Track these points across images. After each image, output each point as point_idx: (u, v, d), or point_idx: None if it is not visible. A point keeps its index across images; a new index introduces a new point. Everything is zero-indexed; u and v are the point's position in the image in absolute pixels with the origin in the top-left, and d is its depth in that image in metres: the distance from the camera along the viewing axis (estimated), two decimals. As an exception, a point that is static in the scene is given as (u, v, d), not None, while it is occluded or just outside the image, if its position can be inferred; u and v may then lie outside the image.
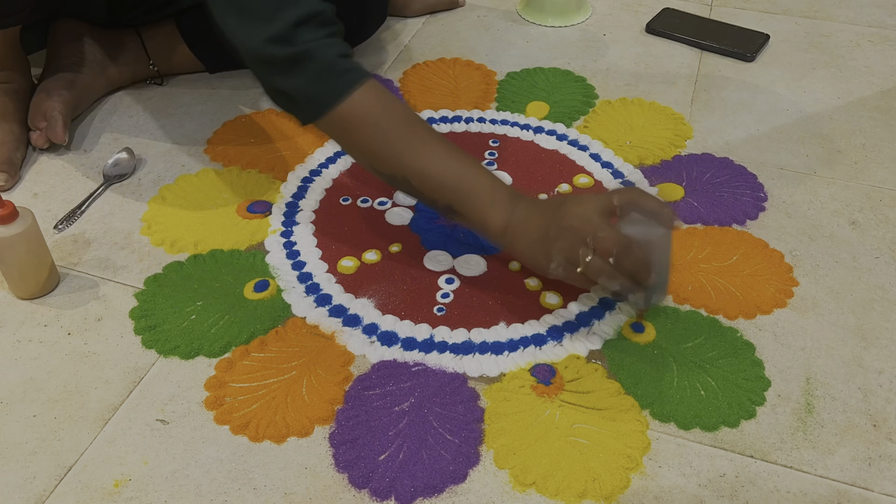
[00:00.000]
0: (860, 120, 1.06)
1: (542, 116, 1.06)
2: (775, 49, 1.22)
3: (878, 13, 1.32)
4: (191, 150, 1.00)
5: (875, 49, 1.22)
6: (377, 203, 0.92)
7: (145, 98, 1.09)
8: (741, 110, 1.08)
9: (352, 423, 0.68)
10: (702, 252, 0.85)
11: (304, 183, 0.95)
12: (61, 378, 0.73)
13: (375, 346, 0.76)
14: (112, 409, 0.70)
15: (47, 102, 0.98)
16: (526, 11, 1.30)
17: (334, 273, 0.83)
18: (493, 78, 1.14)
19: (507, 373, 0.73)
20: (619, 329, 0.77)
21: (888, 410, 0.70)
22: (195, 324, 0.77)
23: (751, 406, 0.70)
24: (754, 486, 0.64)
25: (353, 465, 0.65)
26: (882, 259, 0.85)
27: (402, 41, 1.24)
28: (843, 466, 0.66)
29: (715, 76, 1.15)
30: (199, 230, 0.88)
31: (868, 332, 0.77)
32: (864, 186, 0.95)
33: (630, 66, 1.18)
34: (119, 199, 0.93)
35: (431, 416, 0.69)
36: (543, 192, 0.94)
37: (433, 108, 1.08)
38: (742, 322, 0.78)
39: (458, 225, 0.85)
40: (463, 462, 0.66)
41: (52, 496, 0.64)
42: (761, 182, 0.95)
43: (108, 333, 0.77)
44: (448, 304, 0.80)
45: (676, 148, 1.01)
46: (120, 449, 0.67)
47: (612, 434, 0.68)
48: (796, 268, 0.84)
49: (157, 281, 0.82)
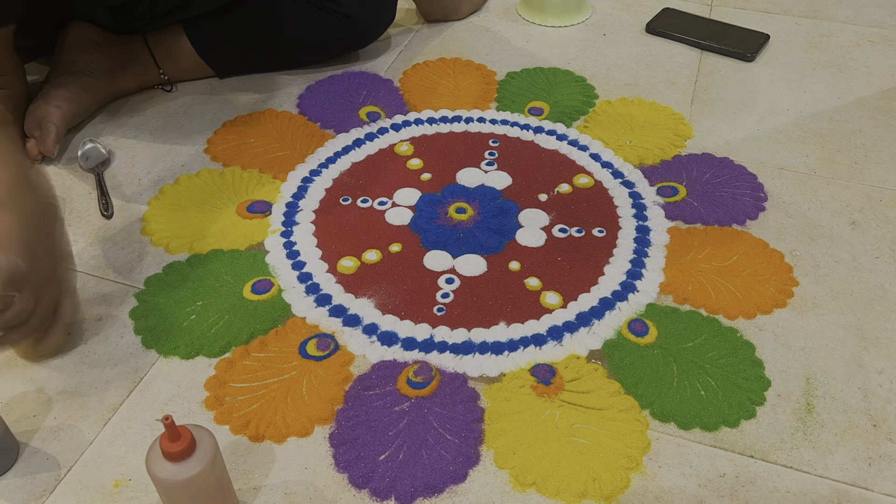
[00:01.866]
0: (860, 120, 1.06)
1: (543, 117, 1.06)
2: (775, 49, 1.22)
3: (878, 13, 1.32)
4: (191, 150, 1.00)
5: (875, 49, 1.22)
6: (377, 203, 0.92)
7: (145, 98, 1.09)
8: (741, 110, 1.08)
9: (352, 423, 0.68)
10: (702, 252, 0.85)
11: (304, 183, 0.95)
12: (61, 378, 0.73)
13: (375, 346, 0.76)
14: (112, 409, 0.70)
15: (44, 110, 0.97)
16: (526, 11, 1.30)
17: (334, 273, 0.83)
18: (493, 78, 1.14)
19: (507, 373, 0.73)
20: (619, 329, 0.77)
21: (888, 410, 0.70)
22: (195, 324, 0.77)
23: (751, 406, 0.70)
24: (754, 486, 0.64)
25: (353, 465, 0.65)
26: (882, 259, 0.85)
27: (402, 41, 1.23)
28: (843, 466, 0.66)
29: (715, 76, 1.15)
30: (199, 230, 0.88)
31: (868, 332, 0.77)
32: (864, 186, 0.95)
33: (630, 66, 1.18)
34: (119, 199, 0.93)
35: (431, 416, 0.69)
36: (543, 192, 0.94)
37: (433, 108, 1.08)
38: (742, 322, 0.78)
39: (456, 225, 0.85)
40: (463, 462, 0.66)
41: (52, 496, 0.64)
42: (761, 182, 0.95)
43: (108, 333, 0.77)
44: (448, 304, 0.80)
45: (676, 148, 1.01)
46: (120, 449, 0.67)
47: (612, 434, 0.68)
48: (796, 268, 0.84)
49: (157, 281, 0.82)
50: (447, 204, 0.92)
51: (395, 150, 1.01)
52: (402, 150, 1.00)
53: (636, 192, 0.94)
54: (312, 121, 1.05)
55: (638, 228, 0.89)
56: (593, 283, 0.82)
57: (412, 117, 1.06)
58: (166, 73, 1.09)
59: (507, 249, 0.86)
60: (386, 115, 1.07)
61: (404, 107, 1.08)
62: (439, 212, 0.91)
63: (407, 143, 1.02)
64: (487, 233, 0.88)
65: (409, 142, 1.02)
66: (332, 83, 1.12)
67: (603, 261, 0.85)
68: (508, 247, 0.86)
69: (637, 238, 0.87)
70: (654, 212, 0.91)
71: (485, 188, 0.94)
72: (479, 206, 0.91)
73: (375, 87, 1.12)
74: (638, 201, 0.92)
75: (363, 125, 1.04)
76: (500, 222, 0.89)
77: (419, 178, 0.96)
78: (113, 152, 0.96)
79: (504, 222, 0.89)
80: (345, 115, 1.06)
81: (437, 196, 0.93)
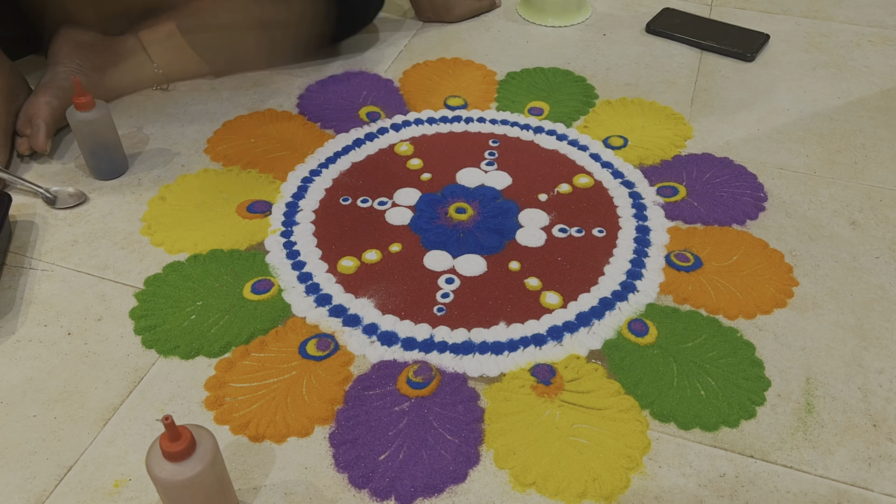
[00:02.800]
0: (860, 120, 1.06)
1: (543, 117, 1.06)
2: (775, 49, 1.22)
3: (878, 13, 1.32)
4: (191, 150, 1.00)
5: (875, 49, 1.22)
6: (377, 203, 0.92)
7: (145, 98, 1.09)
8: (741, 110, 1.08)
9: (352, 423, 0.68)
10: (702, 252, 0.85)
11: (304, 183, 0.95)
12: (61, 378, 0.73)
13: (375, 346, 0.76)
14: (112, 409, 0.70)
15: (34, 108, 0.97)
16: (526, 11, 1.30)
17: (334, 273, 0.83)
18: (493, 78, 1.14)
19: (507, 373, 0.73)
20: (619, 329, 0.77)
21: (888, 410, 0.70)
22: (195, 324, 0.77)
23: (751, 406, 0.70)
24: (754, 487, 0.64)
25: (353, 465, 0.65)
26: (882, 259, 0.85)
27: (402, 41, 1.23)
28: (843, 466, 0.66)
29: (715, 76, 1.15)
30: (198, 230, 0.88)
31: (868, 332, 0.77)
32: (864, 186, 0.95)
33: (630, 66, 1.18)
34: (119, 199, 0.93)
35: (431, 416, 0.69)
36: (543, 192, 0.94)
37: (433, 108, 1.08)
38: (742, 322, 0.78)
39: (456, 225, 0.85)
40: (463, 462, 0.66)
41: (52, 496, 0.64)
42: (761, 182, 0.95)
43: (108, 333, 0.77)
44: (448, 304, 0.80)
45: (676, 148, 1.01)
46: (120, 449, 0.67)
47: (612, 434, 0.68)
48: (796, 268, 0.84)
49: (157, 281, 0.82)
50: (447, 204, 0.92)
51: (395, 150, 1.01)
52: (402, 150, 1.00)
53: (636, 192, 0.94)
54: (312, 121, 1.05)
55: (638, 228, 0.89)
56: (593, 283, 0.82)
57: (412, 117, 1.06)
58: (161, 67, 1.09)
59: (507, 249, 0.86)
60: (386, 115, 1.07)
61: (404, 107, 1.08)
62: (439, 212, 0.91)
63: (407, 143, 1.02)
64: (487, 233, 0.88)
65: (409, 142, 1.02)
66: (332, 83, 1.12)
67: (603, 261, 0.85)
68: (508, 247, 0.86)
69: (637, 238, 0.88)
70: (654, 212, 0.91)
71: (485, 188, 0.94)
72: (479, 206, 0.91)
73: (375, 87, 1.12)
74: (638, 201, 0.92)
75: (363, 125, 1.04)
76: (500, 222, 0.89)
77: (419, 178, 0.96)
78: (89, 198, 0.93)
79: (504, 222, 0.89)
80: (345, 115, 1.06)
81: (437, 196, 0.93)
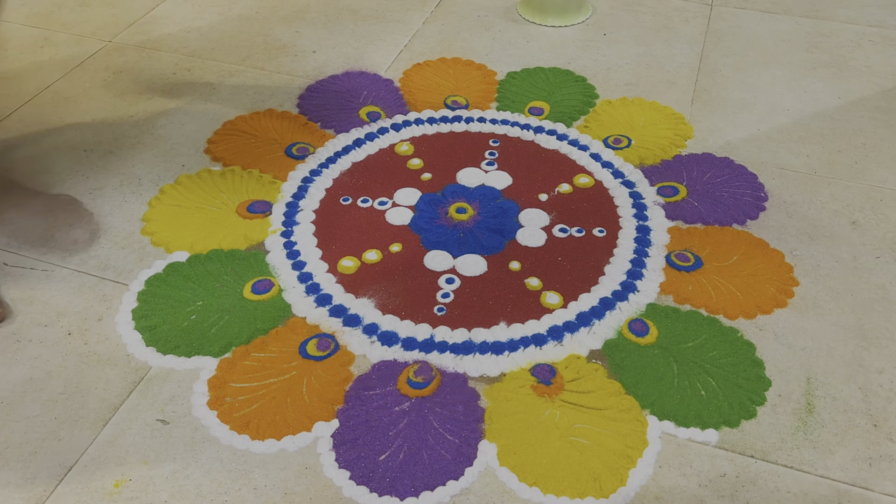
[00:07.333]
0: (860, 120, 1.06)
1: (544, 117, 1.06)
2: (775, 49, 1.22)
3: (878, 13, 1.32)
4: (191, 150, 1.00)
5: (876, 49, 1.22)
6: (377, 203, 0.92)
7: (145, 98, 1.09)
8: (741, 110, 1.08)
9: (352, 423, 0.68)
10: (702, 252, 0.85)
11: (304, 183, 0.95)
12: (61, 378, 0.73)
13: (376, 346, 0.76)
14: (112, 409, 0.70)
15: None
16: (526, 11, 1.30)
17: (334, 273, 0.83)
18: (493, 78, 1.14)
19: (507, 373, 0.73)
20: (619, 329, 0.77)
21: (888, 410, 0.70)
22: (195, 324, 0.77)
23: (751, 406, 0.70)
24: (755, 486, 0.64)
25: (354, 464, 0.65)
26: (882, 259, 0.85)
27: (402, 41, 1.23)
28: (844, 466, 0.66)
29: (715, 76, 1.15)
30: (199, 230, 0.88)
31: (868, 332, 0.77)
32: (864, 186, 0.95)
33: (630, 66, 1.18)
34: (119, 199, 0.93)
35: (432, 416, 0.69)
36: (544, 192, 0.94)
37: (433, 108, 1.08)
38: (742, 322, 0.78)
39: (456, 225, 0.85)
40: (463, 462, 0.66)
41: (52, 496, 0.64)
42: (761, 182, 0.95)
43: (108, 333, 0.77)
44: (448, 304, 0.80)
45: (677, 148, 1.01)
46: (120, 449, 0.67)
47: (612, 434, 0.68)
48: (797, 268, 0.84)
49: (157, 281, 0.82)
50: (447, 204, 0.92)
51: (395, 149, 1.00)
52: (402, 149, 1.00)
53: (636, 191, 0.94)
54: (312, 121, 1.05)
55: (638, 228, 0.89)
56: (594, 283, 0.82)
57: (412, 117, 1.06)
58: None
59: (508, 249, 0.86)
60: (386, 114, 1.07)
61: (404, 107, 1.08)
62: (439, 212, 0.91)
63: (407, 142, 1.02)
64: (488, 233, 0.88)
65: (409, 142, 1.02)
66: (333, 83, 1.12)
67: (603, 260, 0.85)
68: (509, 247, 0.86)
69: (637, 238, 0.87)
70: (655, 212, 0.91)
71: (485, 188, 0.94)
72: (479, 205, 0.91)
73: (375, 86, 1.12)
74: (638, 201, 0.92)
75: (363, 125, 1.04)
76: (500, 222, 0.89)
77: (419, 177, 0.96)
78: None
79: (504, 222, 0.89)
80: (345, 114, 1.06)
81: (437, 196, 0.93)
